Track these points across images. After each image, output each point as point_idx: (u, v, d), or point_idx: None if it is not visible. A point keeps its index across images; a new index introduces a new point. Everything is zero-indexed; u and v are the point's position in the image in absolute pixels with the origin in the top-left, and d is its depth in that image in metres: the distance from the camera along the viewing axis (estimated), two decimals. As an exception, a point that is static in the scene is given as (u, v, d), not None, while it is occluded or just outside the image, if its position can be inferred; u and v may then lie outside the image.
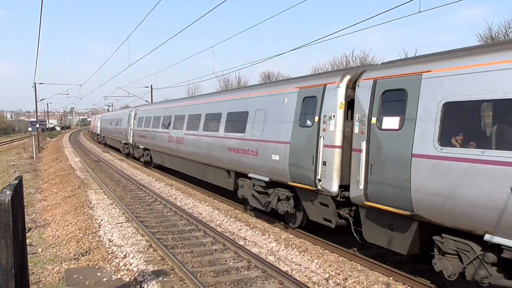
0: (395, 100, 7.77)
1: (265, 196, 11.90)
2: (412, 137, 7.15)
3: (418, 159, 6.99)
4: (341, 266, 9.04)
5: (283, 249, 10.19)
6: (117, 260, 9.34)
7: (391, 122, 7.72)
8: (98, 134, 53.11)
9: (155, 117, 23.60)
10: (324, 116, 9.33)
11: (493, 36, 33.06)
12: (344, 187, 8.90)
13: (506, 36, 32.06)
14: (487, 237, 6.06)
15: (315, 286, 7.98)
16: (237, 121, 13.49)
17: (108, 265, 9.15)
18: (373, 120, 8.06)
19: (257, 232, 11.72)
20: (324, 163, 9.20)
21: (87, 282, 8.14)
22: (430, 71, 7.11)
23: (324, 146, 9.23)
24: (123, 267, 8.90)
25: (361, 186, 8.16)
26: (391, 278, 8.39)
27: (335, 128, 9.02)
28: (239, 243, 10.46)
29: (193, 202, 15.97)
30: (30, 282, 6.93)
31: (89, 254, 9.96)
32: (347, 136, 8.89)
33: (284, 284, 7.81)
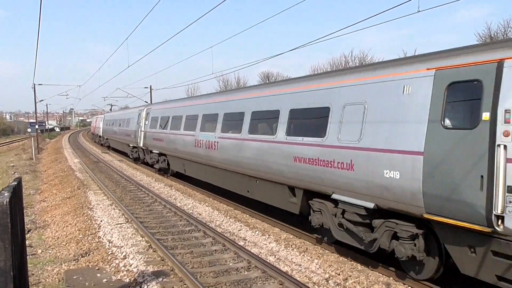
0: None
1: (366, 230, 8.51)
2: None
3: None
4: (341, 266, 9.03)
5: (283, 250, 10.18)
6: (117, 261, 9.32)
7: None
8: (100, 136, 49.48)
9: (174, 117, 19.89)
10: (507, 111, 5.97)
11: (492, 35, 33.10)
12: None
13: (505, 36, 32.10)
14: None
15: (315, 286, 7.97)
16: (309, 120, 10.23)
17: (108, 266, 9.14)
18: None
19: (257, 232, 11.71)
20: (510, 189, 5.91)
21: (86, 283, 8.13)
22: None
23: (509, 160, 5.90)
24: (123, 268, 8.89)
25: None
26: (391, 278, 8.38)
27: None
28: (239, 243, 10.45)
29: (192, 203, 15.95)
30: (29, 284, 6.92)
31: (88, 255, 9.95)
32: None
33: (284, 285, 7.79)
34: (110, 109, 57.72)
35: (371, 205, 7.95)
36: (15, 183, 4.52)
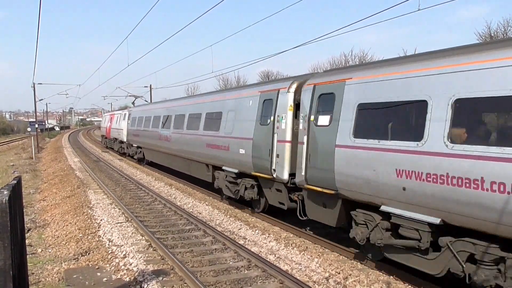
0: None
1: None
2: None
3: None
4: (341, 265, 9.02)
5: (283, 248, 10.18)
6: (117, 260, 9.32)
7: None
8: (121, 142, 33.94)
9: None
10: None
11: (492, 35, 33.08)
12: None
13: (505, 35, 32.07)
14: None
15: (316, 285, 7.97)
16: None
17: (108, 265, 9.13)
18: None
19: (257, 231, 11.70)
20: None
21: (86, 282, 8.12)
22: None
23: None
24: (123, 267, 8.88)
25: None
26: (391, 277, 8.38)
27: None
28: (239, 242, 10.44)
29: (192, 202, 15.95)
30: (29, 283, 6.91)
31: (88, 254, 9.94)
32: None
33: (285, 284, 7.79)
34: (132, 104, 42.85)
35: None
36: (15, 181, 4.51)
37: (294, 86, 10.95)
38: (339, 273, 8.54)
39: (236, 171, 13.26)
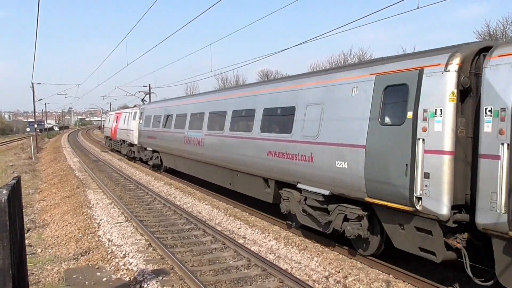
0: None
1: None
2: None
3: None
4: (341, 264, 9.03)
5: (283, 247, 10.18)
6: (116, 260, 9.32)
7: None
8: (131, 144, 29.42)
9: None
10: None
11: (491, 33, 33.10)
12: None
13: (504, 33, 32.09)
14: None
15: (315, 284, 7.97)
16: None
17: (107, 265, 9.13)
18: None
19: (256, 230, 11.71)
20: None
21: (86, 282, 8.12)
22: None
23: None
24: (122, 267, 8.88)
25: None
26: (391, 275, 8.38)
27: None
28: (238, 241, 10.44)
29: (192, 201, 15.95)
30: (29, 283, 6.90)
31: (88, 254, 9.94)
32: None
33: (284, 283, 7.79)
34: (143, 100, 37.30)
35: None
36: (14, 181, 4.51)
37: (458, 60, 6.93)
38: (339, 272, 8.55)
39: (325, 192, 9.22)
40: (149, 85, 48.31)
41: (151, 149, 24.00)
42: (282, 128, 11.10)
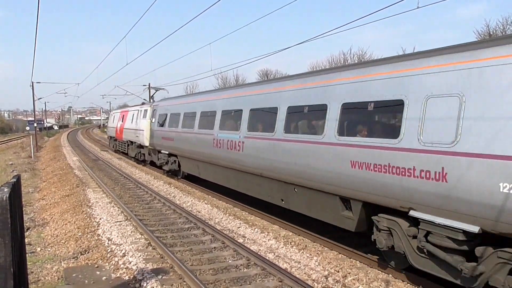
0: None
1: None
2: None
3: None
4: (341, 264, 9.04)
5: (282, 247, 10.19)
6: (116, 259, 9.32)
7: None
8: (141, 146, 26.46)
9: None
10: None
11: (491, 33, 33.13)
12: None
13: (504, 33, 32.10)
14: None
15: (315, 283, 7.98)
16: None
17: (107, 263, 9.14)
18: None
19: (256, 229, 11.71)
20: None
21: (86, 281, 8.13)
22: None
23: None
24: (122, 266, 8.89)
25: None
26: (390, 275, 8.39)
27: None
28: (238, 241, 10.45)
29: (192, 200, 15.95)
30: (29, 281, 6.91)
31: (88, 253, 9.95)
32: None
33: (284, 282, 7.81)
34: (151, 98, 33.95)
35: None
36: (14, 180, 4.52)
37: None
38: (338, 272, 8.56)
39: (473, 229, 6.21)
40: (149, 84, 48.33)
41: (167, 152, 20.38)
42: (379, 130, 8.53)
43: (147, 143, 23.93)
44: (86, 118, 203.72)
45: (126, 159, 31.68)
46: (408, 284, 7.97)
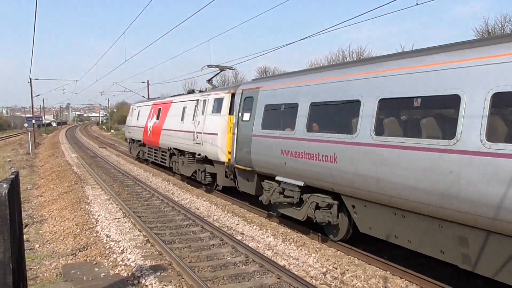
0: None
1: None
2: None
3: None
4: (339, 261, 9.06)
5: (281, 244, 10.21)
6: (114, 256, 9.33)
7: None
8: (205, 160, 16.16)
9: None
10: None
11: (490, 31, 33.13)
12: None
13: (502, 31, 32.12)
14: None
15: (313, 280, 8.00)
16: None
17: (105, 260, 9.14)
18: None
19: (254, 227, 11.73)
20: None
21: (84, 278, 8.13)
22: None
23: None
24: (120, 263, 8.90)
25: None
26: (388, 272, 8.42)
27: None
28: (236, 238, 10.47)
29: (190, 197, 15.96)
30: (27, 278, 6.91)
31: (86, 249, 9.95)
32: None
33: (282, 279, 7.82)
34: (210, 81, 19.15)
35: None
36: (13, 176, 4.51)
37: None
38: (337, 269, 8.58)
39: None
40: (148, 81, 48.16)
41: (298, 184, 10.08)
42: None
43: (223, 158, 14.58)
44: (85, 115, 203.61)
45: (125, 156, 31.54)
46: (406, 281, 7.99)
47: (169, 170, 21.89)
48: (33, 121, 51.45)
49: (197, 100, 17.22)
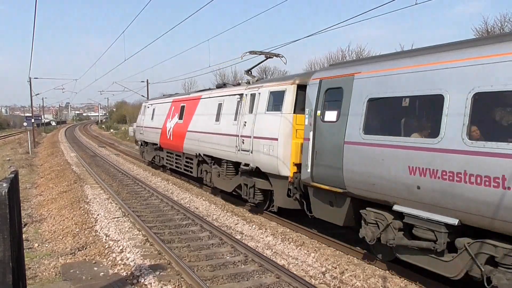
0: None
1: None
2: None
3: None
4: (338, 260, 9.07)
5: (280, 243, 10.22)
6: (113, 255, 9.33)
7: None
8: (263, 175, 12.05)
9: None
10: None
11: (489, 30, 33.16)
12: None
13: (502, 30, 32.14)
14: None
15: (312, 279, 8.01)
16: None
17: (104, 259, 9.15)
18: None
19: (254, 226, 11.74)
20: None
21: (83, 277, 8.13)
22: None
23: None
24: (119, 262, 8.90)
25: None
26: (387, 272, 8.43)
27: None
28: (235, 237, 10.47)
29: (189, 197, 15.96)
30: (26, 277, 6.91)
31: (85, 248, 9.95)
32: None
33: (281, 278, 7.83)
34: (249, 72, 15.04)
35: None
36: (12, 175, 4.52)
37: None
38: (336, 268, 8.59)
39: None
40: (147, 80, 48.15)
41: (444, 220, 6.72)
42: None
43: (286, 171, 10.98)
44: (84, 114, 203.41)
45: (124, 155, 31.50)
46: (405, 280, 8.00)
47: (196, 181, 18.37)
48: (32, 120, 51.36)
49: (241, 94, 13.50)
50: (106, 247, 9.90)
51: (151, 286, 7.63)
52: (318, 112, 9.47)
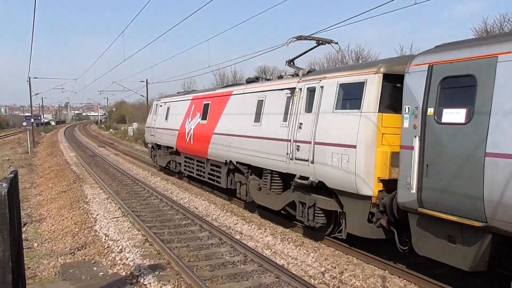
0: None
1: None
2: None
3: None
4: (337, 260, 9.08)
5: (279, 243, 10.22)
6: (113, 255, 9.33)
7: None
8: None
9: None
10: None
11: (488, 30, 33.18)
12: None
13: (501, 30, 32.16)
14: None
15: (311, 279, 8.01)
16: None
17: (104, 259, 9.15)
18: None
19: (253, 226, 11.74)
20: None
21: (83, 277, 8.13)
22: None
23: None
24: (119, 262, 8.90)
25: None
26: (386, 271, 8.44)
27: None
28: (235, 237, 10.48)
29: (189, 197, 15.96)
30: (26, 277, 6.91)
31: (85, 248, 9.95)
32: None
33: (281, 278, 7.83)
34: (292, 62, 12.40)
35: None
36: (12, 175, 4.52)
37: None
38: (335, 268, 8.60)
39: None
40: (146, 80, 48.16)
41: None
42: None
43: (367, 189, 8.31)
44: (83, 114, 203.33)
45: (123, 155, 31.46)
46: (405, 280, 8.01)
47: (224, 193, 15.85)
48: (32, 120, 51.35)
49: (292, 89, 10.80)
50: (106, 247, 9.90)
51: (150, 286, 7.63)
52: (430, 111, 6.88)
